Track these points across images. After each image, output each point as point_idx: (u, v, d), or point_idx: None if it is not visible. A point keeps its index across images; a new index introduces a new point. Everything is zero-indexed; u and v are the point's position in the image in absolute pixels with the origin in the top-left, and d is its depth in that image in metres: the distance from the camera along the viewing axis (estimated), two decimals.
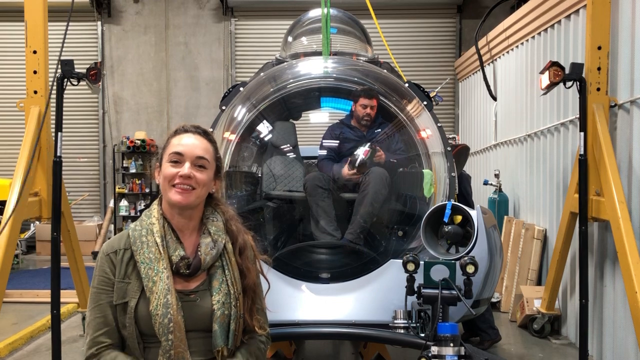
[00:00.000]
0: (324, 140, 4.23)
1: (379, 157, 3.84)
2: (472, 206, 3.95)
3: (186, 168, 1.99)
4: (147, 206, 2.22)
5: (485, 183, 7.74)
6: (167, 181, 2.01)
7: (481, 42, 8.56)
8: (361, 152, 3.80)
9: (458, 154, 5.39)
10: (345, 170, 3.82)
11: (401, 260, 2.90)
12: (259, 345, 2.14)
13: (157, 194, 2.13)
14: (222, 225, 2.10)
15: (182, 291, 1.97)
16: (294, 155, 4.24)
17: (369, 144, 3.88)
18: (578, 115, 4.95)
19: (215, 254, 2.02)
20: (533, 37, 6.91)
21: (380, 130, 4.10)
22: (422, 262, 2.87)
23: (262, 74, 4.73)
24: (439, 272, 2.81)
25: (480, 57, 8.43)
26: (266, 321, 2.20)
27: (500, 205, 7.47)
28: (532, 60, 6.96)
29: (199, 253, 2.01)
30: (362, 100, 4.05)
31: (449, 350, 2.58)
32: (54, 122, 4.99)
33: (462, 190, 5.53)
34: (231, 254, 2.07)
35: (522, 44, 7.37)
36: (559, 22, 6.10)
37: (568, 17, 5.86)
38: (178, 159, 2.02)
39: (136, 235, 2.01)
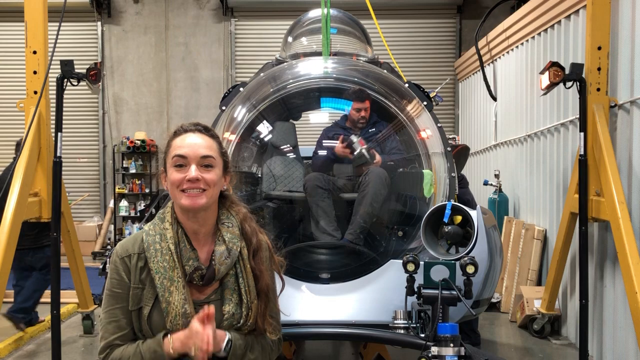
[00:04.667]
0: (318, 143, 4.23)
1: (372, 154, 3.85)
2: (473, 206, 3.95)
3: (193, 171, 1.90)
4: (148, 206, 2.19)
5: (485, 183, 7.75)
6: (175, 187, 1.93)
7: (481, 43, 8.56)
8: (357, 140, 3.82)
9: (458, 155, 5.39)
10: (339, 146, 3.83)
11: (401, 261, 2.90)
12: (267, 341, 2.07)
13: (158, 194, 2.10)
14: (237, 230, 2.02)
15: (194, 301, 1.93)
16: (294, 156, 4.23)
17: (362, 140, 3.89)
18: (578, 116, 4.95)
19: (229, 263, 1.96)
20: (533, 37, 6.92)
21: (374, 129, 4.09)
22: (422, 263, 2.87)
23: (262, 74, 4.73)
24: (439, 273, 2.80)
25: (480, 57, 8.44)
26: (278, 325, 2.13)
27: (500, 206, 7.47)
28: (532, 60, 6.96)
29: (213, 263, 1.94)
30: (355, 104, 4.04)
31: (449, 351, 2.58)
32: (54, 122, 4.99)
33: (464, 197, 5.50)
34: (246, 261, 2.00)
35: (522, 44, 7.38)
36: (559, 22, 6.10)
37: (568, 17, 5.86)
38: (182, 162, 1.92)
39: (150, 241, 1.95)
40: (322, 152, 4.05)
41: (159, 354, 1.85)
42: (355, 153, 3.79)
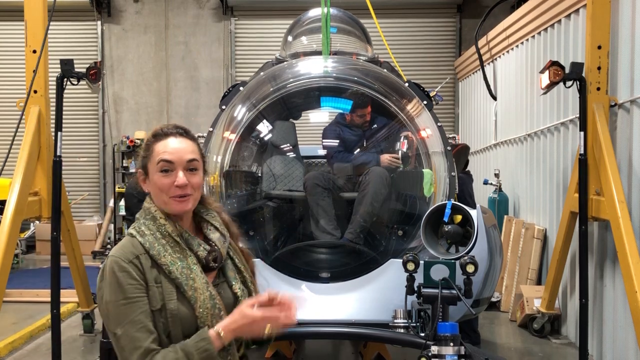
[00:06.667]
0: (324, 140, 4.25)
1: (410, 146, 3.90)
2: (473, 206, 3.96)
3: (181, 177, 1.92)
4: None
5: (485, 183, 7.74)
6: (162, 192, 1.93)
7: (481, 42, 8.55)
8: (398, 145, 3.86)
9: (458, 154, 5.38)
10: (386, 156, 3.85)
11: (401, 260, 2.90)
12: None
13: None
14: (219, 219, 2.11)
15: None
16: (294, 155, 4.24)
17: (403, 136, 3.92)
18: (578, 115, 4.95)
19: (227, 247, 2.06)
20: (533, 36, 6.91)
21: (375, 125, 4.12)
22: (422, 262, 2.87)
23: (262, 73, 4.73)
24: (439, 272, 2.81)
25: (480, 56, 8.43)
26: None
27: (500, 205, 7.46)
28: (532, 59, 6.96)
29: (217, 247, 2.01)
30: (359, 111, 4.06)
31: (449, 350, 2.59)
32: (54, 122, 5.00)
33: (465, 194, 5.48)
34: (234, 244, 2.11)
35: (522, 43, 7.37)
36: (559, 21, 6.10)
37: (568, 16, 5.86)
38: (168, 167, 1.93)
39: (150, 241, 1.91)
40: (339, 149, 4.08)
41: (210, 353, 1.81)
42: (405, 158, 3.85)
